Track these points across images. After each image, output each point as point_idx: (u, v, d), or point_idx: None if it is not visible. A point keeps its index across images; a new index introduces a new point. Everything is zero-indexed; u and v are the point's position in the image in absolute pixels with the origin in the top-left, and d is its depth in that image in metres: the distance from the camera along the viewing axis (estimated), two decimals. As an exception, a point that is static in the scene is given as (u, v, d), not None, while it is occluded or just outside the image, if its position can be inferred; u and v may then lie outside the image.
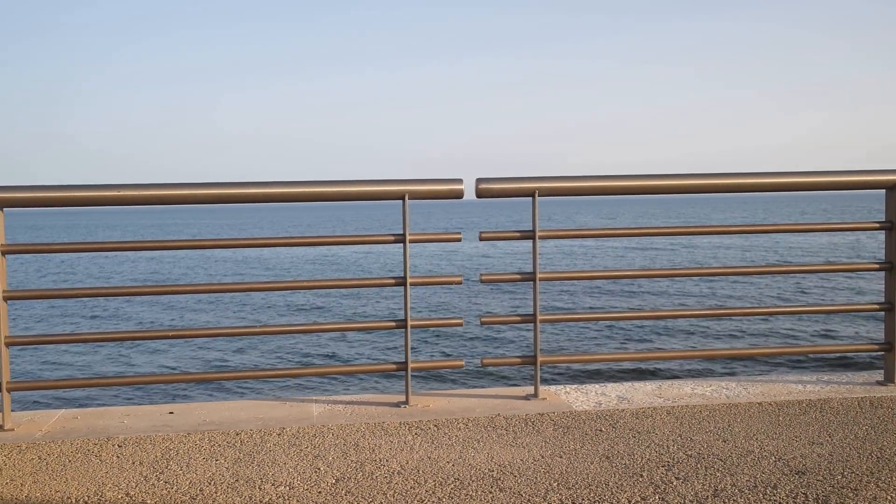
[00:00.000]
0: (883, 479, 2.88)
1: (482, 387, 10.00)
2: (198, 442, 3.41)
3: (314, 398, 4.13)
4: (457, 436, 3.46)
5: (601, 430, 3.50)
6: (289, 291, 19.14)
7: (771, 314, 7.52)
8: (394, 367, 4.10)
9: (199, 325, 17.81)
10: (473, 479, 2.93)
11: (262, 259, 37.06)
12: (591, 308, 19.24)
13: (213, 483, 2.93)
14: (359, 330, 4.48)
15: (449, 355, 13.57)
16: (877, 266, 4.33)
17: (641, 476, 2.94)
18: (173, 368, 13.21)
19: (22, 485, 2.93)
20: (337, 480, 2.94)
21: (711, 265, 7.58)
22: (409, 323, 3.96)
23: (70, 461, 3.18)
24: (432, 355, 13.57)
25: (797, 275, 22.98)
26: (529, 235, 4.06)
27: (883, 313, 4.35)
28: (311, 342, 14.77)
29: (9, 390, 3.62)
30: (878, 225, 4.28)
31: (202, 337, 3.52)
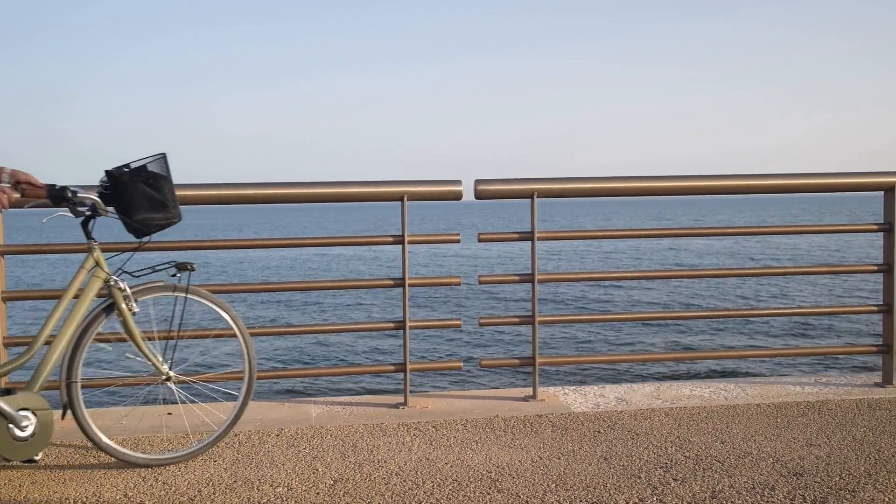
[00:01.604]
0: (880, 480, 2.88)
1: (481, 388, 10.01)
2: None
3: (312, 399, 4.13)
4: (455, 437, 3.46)
5: (599, 432, 3.51)
6: (287, 292, 19.13)
7: (769, 316, 7.54)
8: (392, 368, 4.10)
9: (194, 326, 17.79)
10: (471, 480, 2.93)
11: (261, 260, 37.03)
12: (589, 309, 19.23)
13: (211, 484, 2.93)
14: (358, 331, 4.48)
15: (447, 356, 13.56)
16: (875, 268, 4.34)
17: (639, 477, 2.94)
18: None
19: (20, 486, 2.93)
20: (335, 481, 2.94)
21: (708, 267, 7.60)
22: (408, 324, 3.96)
23: (68, 462, 3.18)
24: (431, 356, 13.56)
25: (794, 276, 23.03)
26: (528, 237, 4.07)
27: (881, 315, 4.36)
28: (309, 343, 14.75)
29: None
30: (875, 227, 4.29)
31: (198, 338, 3.55)
